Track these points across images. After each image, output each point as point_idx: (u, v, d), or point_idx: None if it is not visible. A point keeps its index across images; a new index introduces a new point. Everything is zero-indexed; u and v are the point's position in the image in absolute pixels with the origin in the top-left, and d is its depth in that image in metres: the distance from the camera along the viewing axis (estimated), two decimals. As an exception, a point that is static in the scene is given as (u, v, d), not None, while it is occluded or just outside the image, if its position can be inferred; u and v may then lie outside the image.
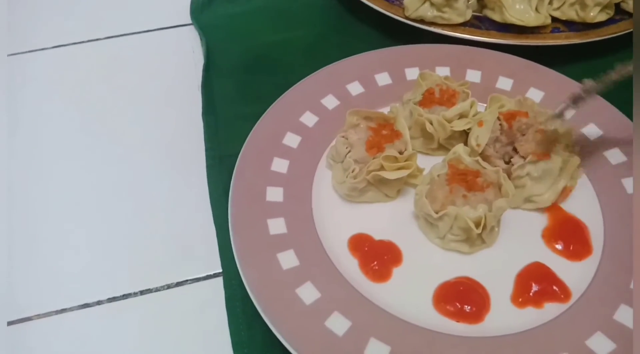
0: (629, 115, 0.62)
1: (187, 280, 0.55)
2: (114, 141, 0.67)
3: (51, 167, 0.65)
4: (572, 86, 0.66)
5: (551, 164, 0.55)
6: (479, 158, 0.55)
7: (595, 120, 0.63)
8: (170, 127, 0.69)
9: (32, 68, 0.77)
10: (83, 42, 0.81)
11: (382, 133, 0.58)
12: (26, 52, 0.79)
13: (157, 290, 0.54)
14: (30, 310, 0.53)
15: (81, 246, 0.58)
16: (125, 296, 0.54)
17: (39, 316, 0.52)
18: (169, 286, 0.54)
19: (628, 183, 0.57)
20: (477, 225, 0.51)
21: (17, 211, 0.60)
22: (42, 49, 0.79)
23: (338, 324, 0.48)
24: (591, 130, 0.62)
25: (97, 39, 0.81)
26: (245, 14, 0.84)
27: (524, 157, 0.56)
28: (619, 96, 0.63)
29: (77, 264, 0.56)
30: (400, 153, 0.56)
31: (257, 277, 0.50)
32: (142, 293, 0.54)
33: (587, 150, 0.60)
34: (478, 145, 0.57)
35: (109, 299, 0.53)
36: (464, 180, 0.53)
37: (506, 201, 0.52)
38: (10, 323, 0.52)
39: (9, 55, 0.79)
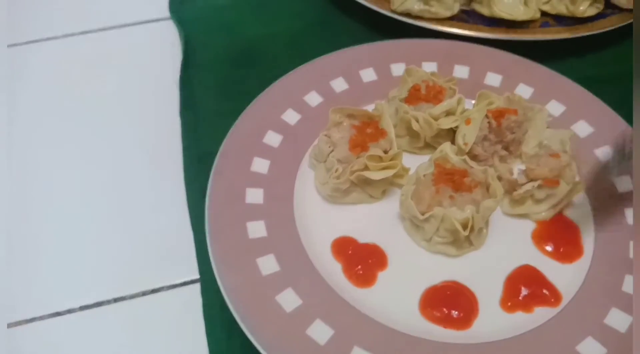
0: (622, 114, 0.61)
1: (163, 287, 0.52)
2: (88, 138, 0.65)
3: (21, 169, 0.62)
4: (561, 82, 0.65)
5: (557, 190, 0.53)
6: (466, 157, 0.53)
7: (586, 117, 0.61)
8: (148, 124, 0.66)
9: (9, 63, 0.74)
10: (57, 37, 0.78)
11: (367, 132, 0.55)
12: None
13: (131, 297, 0.52)
14: (-2, 319, 0.50)
15: (51, 251, 0.55)
16: (98, 304, 0.51)
17: (10, 326, 0.50)
18: (144, 293, 0.52)
19: (619, 183, 0.56)
20: (465, 226, 0.49)
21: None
22: (17, 44, 0.76)
23: (320, 332, 0.46)
24: (582, 128, 0.61)
25: (73, 34, 0.78)
26: (226, 7, 0.81)
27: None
28: (612, 96, 0.62)
29: (47, 270, 0.54)
30: (385, 152, 0.54)
31: (236, 284, 0.48)
32: (115, 300, 0.51)
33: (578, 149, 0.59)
34: (465, 144, 0.55)
35: (81, 307, 0.51)
36: (450, 180, 0.51)
37: (494, 202, 0.50)
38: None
39: (9, 46, 0.76)
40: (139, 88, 0.71)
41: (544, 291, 0.50)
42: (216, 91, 0.70)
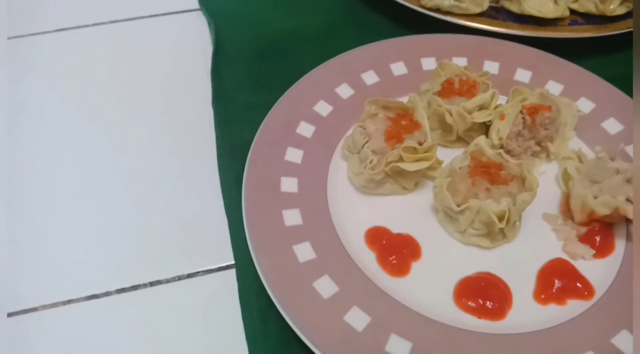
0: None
1: (198, 272, 0.53)
2: (121, 129, 0.65)
3: (55, 154, 0.62)
4: (591, 79, 0.65)
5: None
6: (501, 150, 0.54)
7: (615, 115, 0.62)
8: (179, 115, 0.67)
9: (34, 51, 0.74)
10: (87, 26, 0.78)
11: (401, 124, 0.56)
12: (28, 35, 0.77)
13: (167, 281, 0.52)
14: (36, 300, 0.51)
15: (90, 236, 0.55)
16: (135, 288, 0.52)
17: (45, 307, 0.50)
18: (179, 278, 0.52)
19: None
20: (501, 219, 0.50)
21: (21, 198, 0.58)
22: (45, 32, 0.77)
23: (357, 319, 0.46)
24: (612, 126, 0.61)
25: (102, 23, 0.79)
26: (254, 1, 0.81)
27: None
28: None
29: (85, 254, 0.54)
30: (420, 144, 0.55)
31: (273, 269, 0.48)
32: (152, 284, 0.52)
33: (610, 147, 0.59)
34: (500, 139, 0.55)
35: (117, 290, 0.52)
36: (487, 172, 0.52)
37: (530, 195, 0.50)
38: (15, 313, 0.50)
39: (9, 38, 0.76)
40: (169, 78, 0.71)
41: (577, 284, 0.50)
42: (245, 83, 0.70)
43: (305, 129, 0.60)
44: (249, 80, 0.70)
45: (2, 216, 0.53)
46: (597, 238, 0.53)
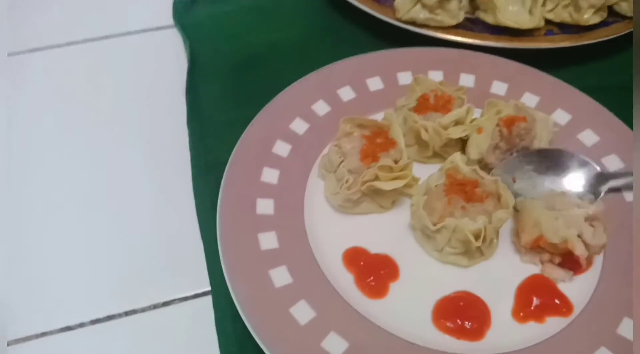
0: (625, 120, 0.61)
1: (174, 299, 0.52)
2: (93, 150, 0.64)
3: (26, 177, 0.61)
4: (567, 90, 0.65)
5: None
6: (476, 167, 0.53)
7: (592, 126, 0.62)
8: (156, 134, 0.66)
9: (5, 72, 0.73)
10: (60, 45, 0.77)
11: (377, 142, 0.55)
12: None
13: (142, 310, 0.51)
14: (7, 334, 0.49)
15: (61, 264, 0.54)
16: (109, 318, 0.51)
17: (17, 341, 0.49)
18: (155, 306, 0.51)
19: (627, 192, 0.56)
20: (477, 237, 0.49)
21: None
22: (19, 53, 0.76)
23: (335, 345, 0.45)
24: (588, 137, 0.61)
25: (75, 42, 0.78)
26: (230, 15, 0.81)
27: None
28: (617, 103, 0.62)
29: (57, 284, 0.53)
30: (396, 162, 0.54)
31: (249, 296, 0.47)
32: (127, 314, 0.51)
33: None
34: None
35: (92, 321, 0.50)
36: (462, 190, 0.51)
37: (506, 213, 0.50)
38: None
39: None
40: (143, 96, 0.70)
41: (556, 300, 0.50)
42: (220, 100, 0.69)
43: (282, 148, 0.59)
44: (225, 97, 0.70)
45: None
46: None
